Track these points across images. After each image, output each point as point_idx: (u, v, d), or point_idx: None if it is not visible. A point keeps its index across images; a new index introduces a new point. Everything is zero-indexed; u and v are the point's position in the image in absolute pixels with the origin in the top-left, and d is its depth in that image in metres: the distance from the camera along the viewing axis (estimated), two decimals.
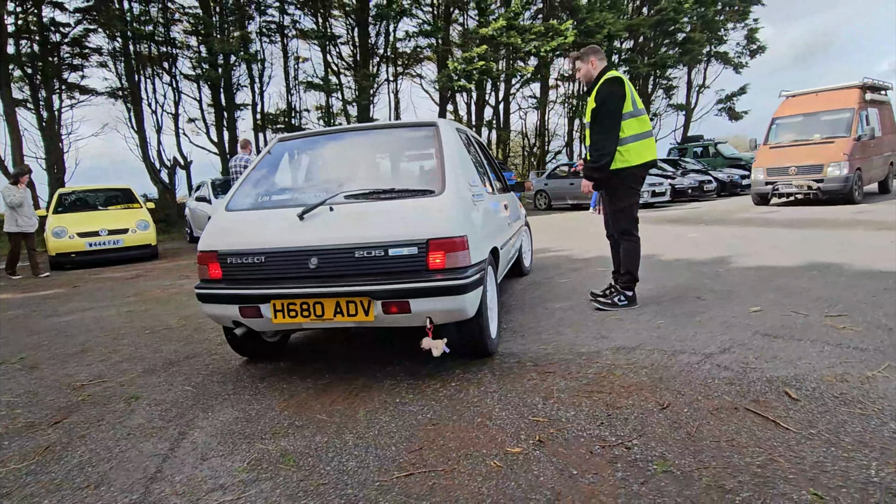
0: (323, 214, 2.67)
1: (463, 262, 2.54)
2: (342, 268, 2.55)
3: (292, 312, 2.59)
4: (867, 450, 1.80)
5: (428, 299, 2.47)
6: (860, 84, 11.61)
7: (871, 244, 5.85)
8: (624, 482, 1.72)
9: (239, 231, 2.78)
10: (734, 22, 23.53)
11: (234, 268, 2.71)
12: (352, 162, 3.35)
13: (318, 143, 3.53)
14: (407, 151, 3.32)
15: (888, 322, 3.11)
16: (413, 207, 2.62)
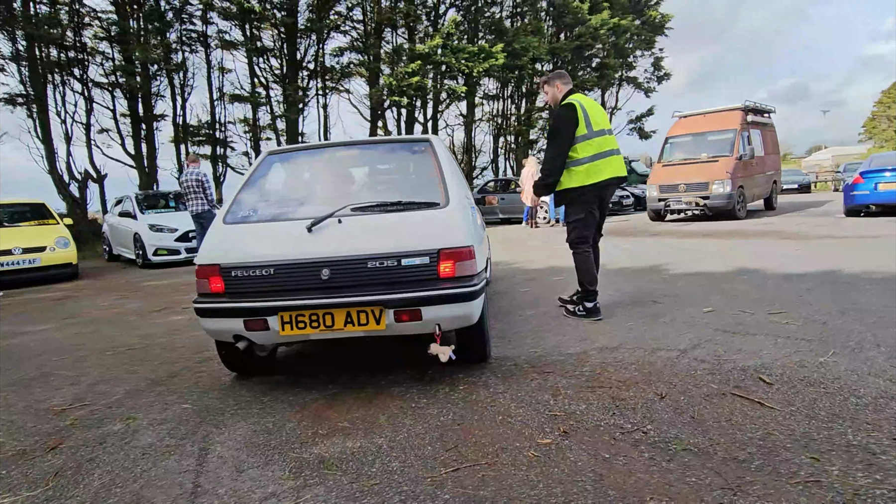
0: (332, 227, 2.72)
1: (471, 270, 2.68)
2: (355, 278, 2.61)
3: (301, 324, 2.60)
4: (840, 420, 2.13)
5: (439, 307, 2.58)
6: (742, 106, 12.43)
7: (781, 252, 6.62)
8: (653, 461, 1.93)
9: (243, 244, 2.77)
10: (642, 50, 25.58)
11: (238, 281, 2.68)
12: (349, 176, 3.43)
13: (311, 157, 3.56)
14: (402, 166, 3.43)
15: (820, 317, 3.60)
16: (422, 219, 2.75)
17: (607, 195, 4.00)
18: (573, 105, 3.82)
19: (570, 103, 3.85)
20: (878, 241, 7.10)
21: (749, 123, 12.36)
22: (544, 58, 18.58)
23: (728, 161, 11.50)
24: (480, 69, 15.14)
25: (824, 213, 12.12)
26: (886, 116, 53.60)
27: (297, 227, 2.74)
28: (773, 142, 14.14)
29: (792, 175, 28.23)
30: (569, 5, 20.64)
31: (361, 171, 3.52)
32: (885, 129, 53.85)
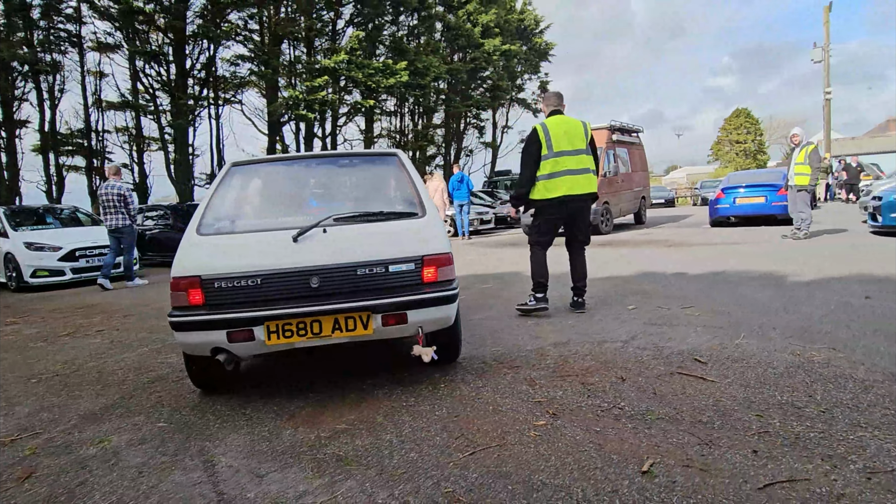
0: (317, 236, 2.79)
1: (450, 275, 2.89)
2: (344, 285, 2.70)
3: (288, 333, 2.64)
4: (767, 386, 2.62)
5: (423, 310, 2.74)
6: (608, 126, 12.62)
7: (670, 258, 7.54)
8: (636, 430, 2.26)
9: (227, 254, 2.74)
10: (530, 73, 27.41)
11: (222, 292, 2.65)
12: (323, 187, 3.49)
13: (279, 168, 3.59)
14: (375, 178, 3.55)
15: (723, 309, 4.25)
16: (405, 228, 2.91)
17: (573, 209, 4.39)
18: (536, 129, 4.32)
19: (536, 126, 4.33)
20: (744, 246, 8.32)
21: (615, 142, 12.77)
22: (444, 77, 19.25)
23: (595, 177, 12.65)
24: (385, 85, 15.40)
25: (693, 225, 13.81)
26: (729, 140, 61.55)
27: (282, 237, 2.78)
28: (641, 159, 14.74)
29: (659, 191, 31.63)
30: (462, 28, 21.62)
31: (335, 183, 3.59)
32: (728, 152, 61.66)
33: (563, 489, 1.84)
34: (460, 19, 21.35)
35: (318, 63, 15.68)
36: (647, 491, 1.79)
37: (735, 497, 1.72)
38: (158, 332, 4.87)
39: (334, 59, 15.13)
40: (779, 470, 1.86)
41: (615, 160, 12.67)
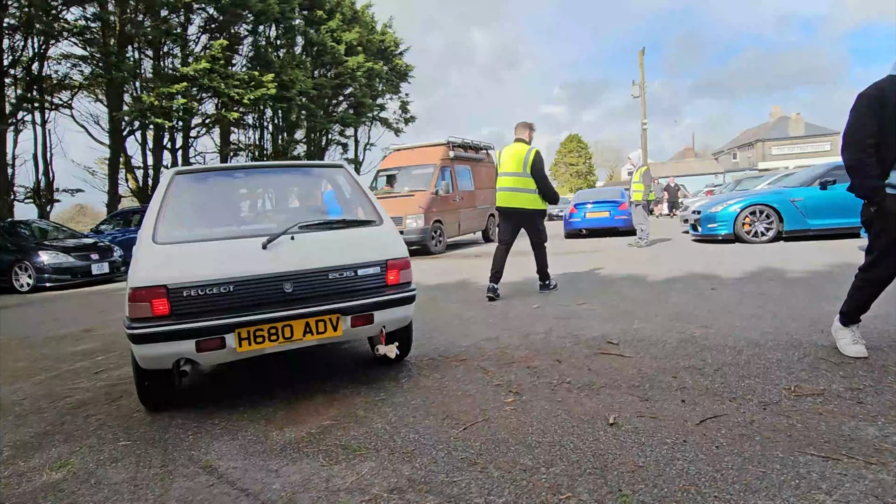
0: (286, 243, 2.86)
1: (409, 277, 3.16)
2: (316, 289, 2.83)
3: (259, 339, 2.70)
4: (670, 356, 3.27)
5: (387, 310, 2.98)
6: (446, 142, 12.43)
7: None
8: (589, 397, 2.72)
9: (194, 263, 2.69)
10: (391, 93, 28.11)
11: (190, 300, 2.62)
12: (278, 196, 3.52)
13: (228, 178, 3.57)
14: (323, 187, 3.64)
15: (610, 303, 5.01)
16: (368, 235, 3.12)
17: (517, 218, 5.56)
18: (498, 152, 5.70)
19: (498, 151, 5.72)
20: (600, 254, 9.59)
21: (454, 159, 12.44)
22: (311, 91, 19.03)
23: (424, 195, 11.33)
24: (252, 97, 14.83)
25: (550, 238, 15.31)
26: (564, 162, 68.54)
27: (251, 245, 2.81)
28: (489, 177, 14.11)
29: None
30: (326, 44, 21.62)
31: (289, 191, 3.62)
32: (564, 173, 68.51)
33: (555, 444, 2.21)
34: (324, 36, 21.31)
35: (176, 70, 14.58)
36: (619, 436, 2.24)
37: (683, 430, 2.24)
38: (42, 359, 4.36)
39: (193, 66, 14.20)
40: (704, 411, 2.43)
41: (451, 177, 12.36)
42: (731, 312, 4.28)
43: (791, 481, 1.81)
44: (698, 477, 1.88)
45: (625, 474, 1.93)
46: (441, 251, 11.53)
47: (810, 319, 3.88)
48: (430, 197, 11.39)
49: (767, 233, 9.22)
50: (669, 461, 2.00)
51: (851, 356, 3.00)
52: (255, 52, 17.92)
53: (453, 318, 4.83)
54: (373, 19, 26.30)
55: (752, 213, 9.33)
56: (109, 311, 6.87)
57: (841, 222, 8.77)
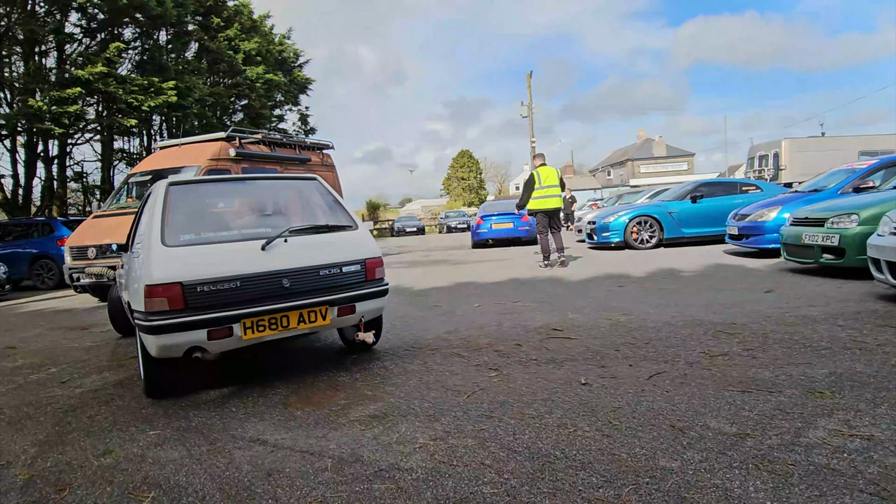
0: (280, 245, 3.27)
1: (382, 274, 3.67)
2: (309, 284, 3.26)
3: (261, 327, 3.10)
4: (607, 336, 3.99)
5: (367, 302, 3.50)
6: (226, 136, 9.59)
7: (466, 272, 9.13)
8: (558, 368, 3.32)
9: (204, 262, 3.03)
10: (290, 105, 27.67)
11: (201, 295, 2.96)
12: (264, 204, 3.87)
13: (218, 188, 4.00)
14: (302, 196, 4.01)
15: (541, 300, 5.74)
16: (348, 237, 3.61)
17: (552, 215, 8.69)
18: (532, 175, 8.64)
19: (532, 173, 8.73)
20: (512, 261, 10.47)
21: (239, 159, 9.36)
22: (208, 99, 18.33)
23: None
24: (152, 104, 14.03)
25: (457, 247, 16.15)
26: (457, 177, 70.93)
27: (251, 246, 3.21)
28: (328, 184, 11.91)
29: (411, 220, 35.13)
30: (224, 52, 20.96)
31: (273, 200, 3.98)
32: (456, 187, 70.83)
33: (547, 399, 2.77)
34: (221, 44, 20.63)
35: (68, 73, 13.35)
36: (592, 391, 2.86)
37: (638, 383, 2.91)
38: None
39: (89, 69, 13.15)
40: (648, 371, 3.13)
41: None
42: (643, 303, 5.17)
43: (723, 406, 2.52)
44: (660, 410, 2.53)
45: (609, 412, 2.54)
46: None
47: (703, 305, 4.83)
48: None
49: (651, 240, 10.66)
50: (637, 402, 2.64)
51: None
52: (150, 57, 16.93)
53: (406, 317, 5.27)
54: (271, 31, 25.83)
55: (638, 223, 10.74)
56: (19, 328, 6.41)
57: (709, 230, 10.41)
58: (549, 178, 8.54)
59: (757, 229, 7.87)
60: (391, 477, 2.06)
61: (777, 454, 2.02)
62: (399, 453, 2.26)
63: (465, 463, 2.13)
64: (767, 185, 11.64)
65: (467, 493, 1.90)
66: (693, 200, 10.63)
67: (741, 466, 1.95)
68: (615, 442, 2.22)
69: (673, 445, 2.15)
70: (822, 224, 5.79)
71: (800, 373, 2.90)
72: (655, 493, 1.81)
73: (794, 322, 4.00)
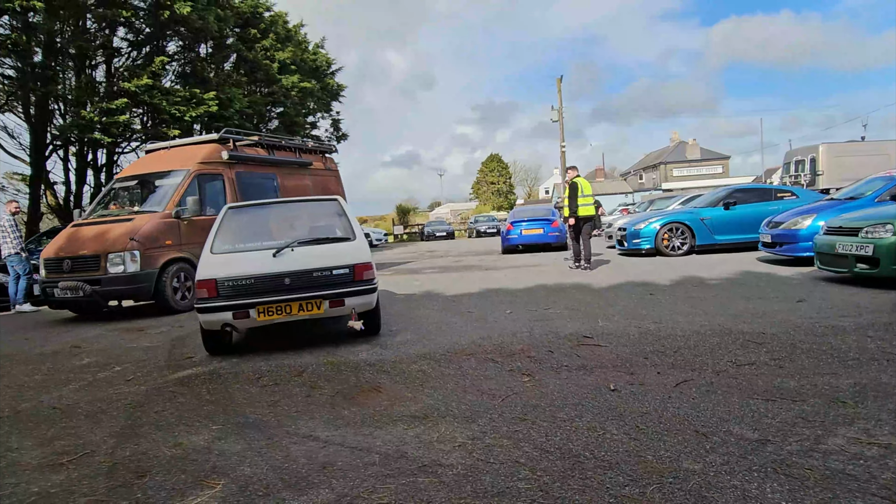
0: (288, 253, 4.51)
1: (371, 276, 4.61)
2: (305, 282, 4.37)
3: (270, 312, 4.31)
4: (637, 344, 4.12)
5: (354, 297, 4.47)
6: (218, 137, 8.88)
7: (498, 278, 9.30)
8: (587, 374, 3.48)
9: (230, 265, 4.40)
10: (322, 112, 28.30)
11: (228, 288, 4.27)
12: (290, 222, 5.27)
13: (259, 209, 5.55)
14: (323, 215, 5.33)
15: (572, 307, 5.88)
16: (343, 247, 4.69)
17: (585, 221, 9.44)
18: (575, 184, 9.38)
19: (574, 182, 9.43)
20: (541, 267, 10.59)
21: (232, 163, 8.74)
22: (247, 110, 19.00)
23: (147, 220, 7.49)
24: (194, 114, 14.69)
25: (487, 252, 16.31)
26: (486, 181, 71.07)
27: (266, 254, 4.49)
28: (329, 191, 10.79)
29: (440, 225, 35.49)
30: (260, 62, 21.64)
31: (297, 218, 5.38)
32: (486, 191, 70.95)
33: (577, 404, 2.94)
34: (258, 54, 21.32)
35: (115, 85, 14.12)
36: (621, 396, 3.01)
37: (665, 390, 3.05)
38: (56, 372, 4.54)
39: (136, 82, 13.88)
40: (676, 378, 3.27)
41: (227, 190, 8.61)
42: (672, 311, 5.26)
43: (747, 413, 2.64)
44: (685, 415, 2.67)
45: (636, 417, 2.69)
46: (189, 307, 7.33)
47: (733, 315, 4.91)
48: (161, 223, 7.55)
49: (683, 247, 10.64)
50: (663, 408, 2.79)
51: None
52: (192, 69, 17.67)
53: (440, 323, 5.48)
54: (305, 39, 26.52)
55: (669, 230, 10.73)
56: (78, 328, 6.86)
57: (742, 237, 10.33)
58: (587, 188, 9.44)
59: (791, 237, 7.82)
60: (433, 472, 2.27)
61: (795, 459, 2.15)
62: (440, 451, 2.47)
63: (500, 461, 2.32)
64: (803, 191, 11.49)
65: (503, 488, 2.09)
66: (726, 207, 10.57)
67: (760, 470, 2.09)
68: (641, 445, 2.38)
69: (696, 449, 2.30)
70: (857, 233, 5.78)
71: (825, 382, 3.00)
72: (678, 492, 1.97)
73: (823, 332, 4.06)
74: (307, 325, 5.59)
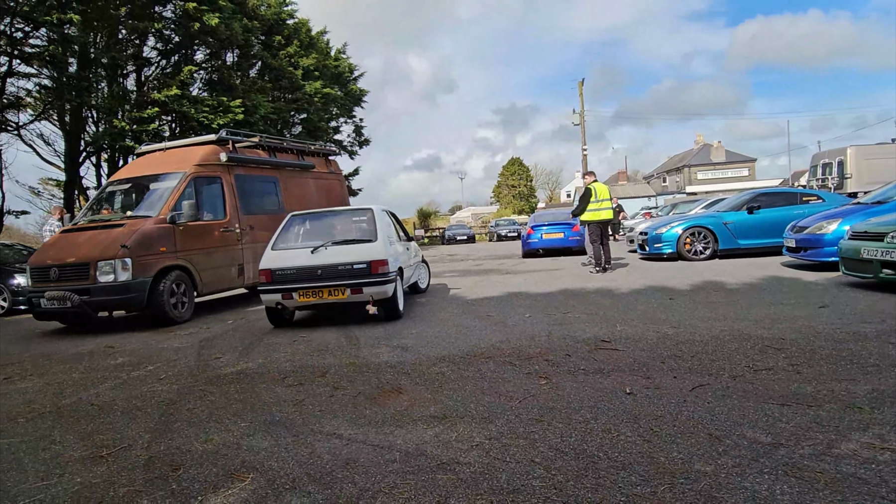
0: (323, 251, 6.00)
1: (386, 269, 5.81)
2: (333, 274, 5.78)
3: (307, 295, 5.80)
4: (654, 348, 4.15)
5: (371, 287, 5.74)
6: (216, 138, 8.56)
7: (517, 282, 9.35)
8: (603, 378, 3.53)
9: (282, 259, 6.01)
10: (345, 117, 28.72)
11: (279, 276, 5.86)
12: (332, 226, 6.87)
13: (312, 217, 7.09)
14: (357, 221, 6.88)
15: (591, 311, 5.91)
16: (365, 247, 6.02)
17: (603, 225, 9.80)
18: (589, 189, 9.74)
19: (588, 188, 9.80)
20: (562, 271, 10.61)
21: (231, 165, 8.34)
22: (271, 116, 19.40)
23: (141, 225, 7.03)
24: (220, 122, 15.08)
25: (507, 256, 16.35)
26: (507, 185, 70.95)
27: (307, 251, 6.03)
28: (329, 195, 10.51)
29: (461, 229, 35.61)
30: (284, 69, 22.06)
31: (336, 224, 6.95)
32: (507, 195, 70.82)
33: (593, 407, 3.00)
34: (282, 61, 21.75)
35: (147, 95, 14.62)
36: (637, 400, 3.06)
37: (681, 394, 3.09)
38: (92, 371, 4.75)
39: (165, 91, 14.35)
40: (692, 382, 3.30)
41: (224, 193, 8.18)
42: (692, 316, 5.27)
43: (761, 418, 2.68)
44: (700, 419, 2.72)
45: (651, 420, 2.75)
46: (187, 316, 7.28)
47: (753, 320, 4.90)
48: (155, 228, 7.12)
49: (705, 251, 10.56)
50: (678, 412, 2.84)
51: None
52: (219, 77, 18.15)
53: (460, 327, 5.57)
54: (328, 45, 26.97)
55: (691, 234, 10.66)
56: (111, 329, 7.12)
57: (765, 242, 10.22)
58: (603, 193, 9.78)
59: (815, 242, 7.72)
60: (452, 469, 2.36)
61: (807, 462, 2.19)
62: (458, 450, 2.56)
63: (517, 460, 2.40)
64: (830, 195, 11.29)
65: (519, 485, 2.17)
66: (750, 211, 10.46)
67: (771, 472, 2.13)
68: (655, 447, 2.44)
69: (709, 451, 2.35)
70: (882, 238, 5.71)
71: (842, 388, 3.01)
72: (688, 492, 2.03)
73: (844, 338, 4.04)
74: (331, 325, 5.73)
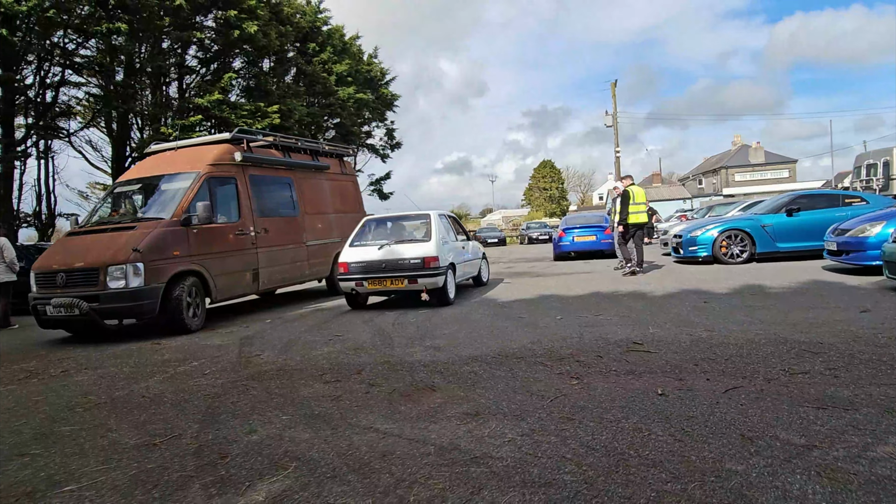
0: (387, 247, 7.56)
1: (437, 264, 7.24)
2: (394, 267, 7.35)
3: (374, 283, 7.45)
4: (687, 351, 4.14)
5: (424, 278, 7.23)
6: (230, 137, 8.28)
7: (550, 285, 9.35)
8: (635, 379, 3.56)
9: (357, 254, 7.65)
10: (377, 121, 29.09)
11: (354, 268, 7.51)
12: (396, 228, 8.53)
13: (380, 219, 8.82)
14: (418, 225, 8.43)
15: (623, 313, 5.90)
16: (420, 245, 7.51)
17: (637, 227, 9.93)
18: (627, 192, 9.88)
19: (627, 189, 9.99)
20: (594, 274, 10.56)
21: (246, 165, 8.08)
22: (306, 120, 19.85)
23: (152, 228, 6.65)
24: (259, 127, 15.55)
25: (539, 259, 16.31)
26: (538, 188, 70.56)
27: (376, 248, 7.62)
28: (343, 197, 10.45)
29: (492, 232, 35.66)
30: (318, 75, 22.51)
31: (402, 227, 8.59)
32: (538, 198, 70.41)
33: (624, 407, 3.04)
34: (316, 67, 22.21)
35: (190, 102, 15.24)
36: (668, 401, 3.08)
37: (714, 396, 3.10)
38: (140, 366, 4.99)
39: (207, 98, 14.91)
40: (725, 385, 3.30)
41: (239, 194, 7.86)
42: (726, 319, 5.21)
43: (795, 420, 2.67)
44: (732, 420, 2.73)
45: (682, 420, 2.77)
46: (199, 325, 6.88)
47: (790, 324, 4.82)
48: (168, 231, 6.71)
49: (742, 255, 10.35)
50: (710, 413, 2.85)
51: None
52: (256, 83, 18.70)
53: (492, 328, 5.64)
54: (360, 50, 27.37)
55: (728, 237, 10.46)
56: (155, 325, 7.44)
57: (806, 245, 9.95)
58: (640, 196, 9.93)
59: (858, 245, 7.51)
60: (485, 463, 2.44)
61: (841, 464, 2.19)
62: (491, 445, 2.63)
63: (548, 455, 2.47)
64: (874, 196, 10.92)
65: (550, 479, 2.24)
66: (789, 214, 10.21)
67: (803, 473, 2.14)
68: (686, 446, 2.47)
69: (740, 452, 2.37)
70: None
71: (881, 393, 2.97)
72: (719, 490, 2.06)
73: (885, 343, 3.96)
74: (391, 308, 5.85)
